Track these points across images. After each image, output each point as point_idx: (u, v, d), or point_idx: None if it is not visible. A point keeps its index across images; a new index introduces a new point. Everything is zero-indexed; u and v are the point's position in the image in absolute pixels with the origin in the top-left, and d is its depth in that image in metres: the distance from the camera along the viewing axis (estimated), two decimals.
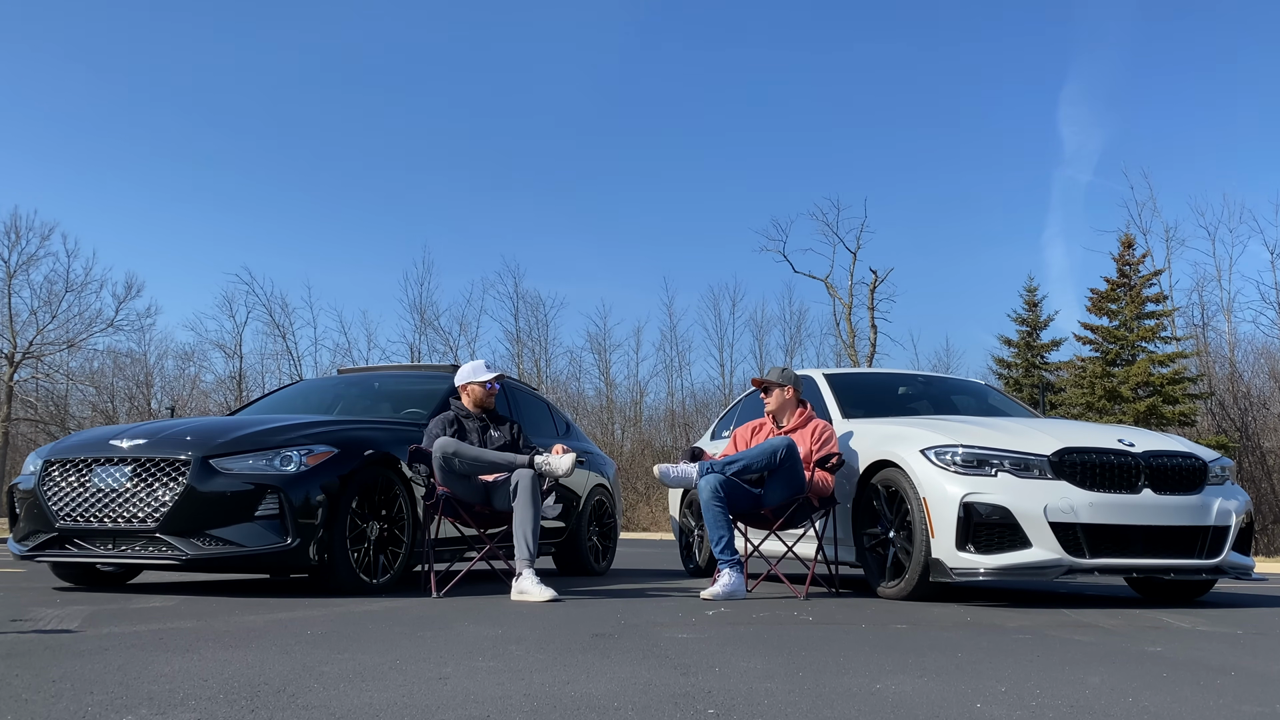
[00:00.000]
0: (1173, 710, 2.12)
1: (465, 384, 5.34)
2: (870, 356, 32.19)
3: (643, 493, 32.78)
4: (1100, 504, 4.58)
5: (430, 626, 3.44)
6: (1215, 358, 29.39)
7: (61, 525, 4.63)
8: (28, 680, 2.26)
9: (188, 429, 4.83)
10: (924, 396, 6.53)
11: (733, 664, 2.66)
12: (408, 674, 2.40)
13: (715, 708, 2.04)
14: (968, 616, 4.16)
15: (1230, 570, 4.84)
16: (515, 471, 4.82)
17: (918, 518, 4.73)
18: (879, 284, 32.70)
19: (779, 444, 4.99)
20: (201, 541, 4.47)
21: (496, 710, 1.98)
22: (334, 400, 6.49)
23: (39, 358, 32.89)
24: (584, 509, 7.20)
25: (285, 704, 2.01)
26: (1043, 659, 2.88)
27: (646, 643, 3.08)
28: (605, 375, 38.20)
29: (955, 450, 4.73)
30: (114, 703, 2.01)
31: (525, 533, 4.68)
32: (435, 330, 37.38)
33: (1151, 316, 25.20)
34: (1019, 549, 4.52)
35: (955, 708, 2.09)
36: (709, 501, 4.91)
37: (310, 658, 2.64)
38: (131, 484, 4.56)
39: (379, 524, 4.97)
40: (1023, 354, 28.75)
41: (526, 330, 38.07)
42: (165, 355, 38.49)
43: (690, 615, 4.02)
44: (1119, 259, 25.77)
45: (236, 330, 38.71)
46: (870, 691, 2.27)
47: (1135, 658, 2.96)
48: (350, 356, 36.91)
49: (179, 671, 2.39)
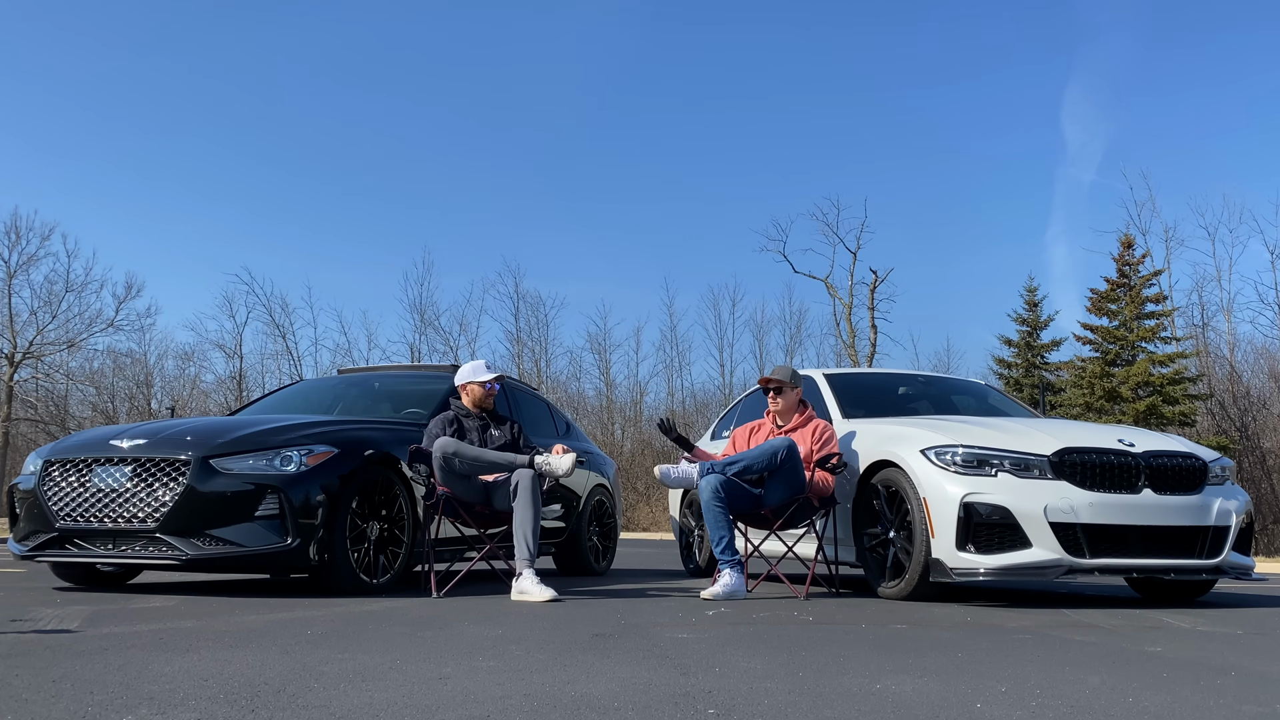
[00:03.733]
0: (1173, 710, 2.12)
1: (465, 384, 5.35)
2: (870, 356, 32.19)
3: (643, 493, 32.78)
4: (1100, 504, 4.58)
5: (430, 626, 3.44)
6: (1215, 358, 29.40)
7: (62, 525, 4.63)
8: (28, 680, 2.26)
9: (188, 429, 4.83)
10: (924, 396, 6.53)
11: (733, 664, 2.66)
12: (408, 674, 2.40)
13: (715, 708, 2.04)
14: (968, 616, 4.16)
15: (1230, 570, 4.85)
16: (515, 471, 4.82)
17: (918, 518, 4.73)
18: (879, 284, 32.74)
19: (779, 444, 5.00)
20: (201, 541, 4.47)
21: (496, 710, 1.98)
22: (334, 400, 6.49)
23: (39, 358, 32.89)
24: (584, 509, 7.19)
25: (285, 704, 2.01)
26: (1043, 659, 2.88)
27: (646, 643, 3.09)
28: (605, 375, 38.24)
29: (955, 450, 4.74)
30: (114, 703, 2.01)
31: (525, 533, 4.68)
32: (435, 330, 37.44)
33: (1151, 317, 25.21)
34: (1019, 549, 4.52)
35: (955, 708, 2.09)
36: (709, 502, 4.91)
37: (310, 658, 2.64)
38: (132, 484, 4.56)
39: (379, 524, 4.97)
40: (1023, 354, 28.76)
41: (526, 330, 38.11)
42: (165, 355, 38.53)
43: (690, 615, 4.02)
44: (1119, 259, 25.78)
45: (236, 330, 38.73)
46: (870, 691, 2.27)
47: (1135, 658, 2.96)
48: (350, 356, 36.95)
49: (179, 671, 2.39)
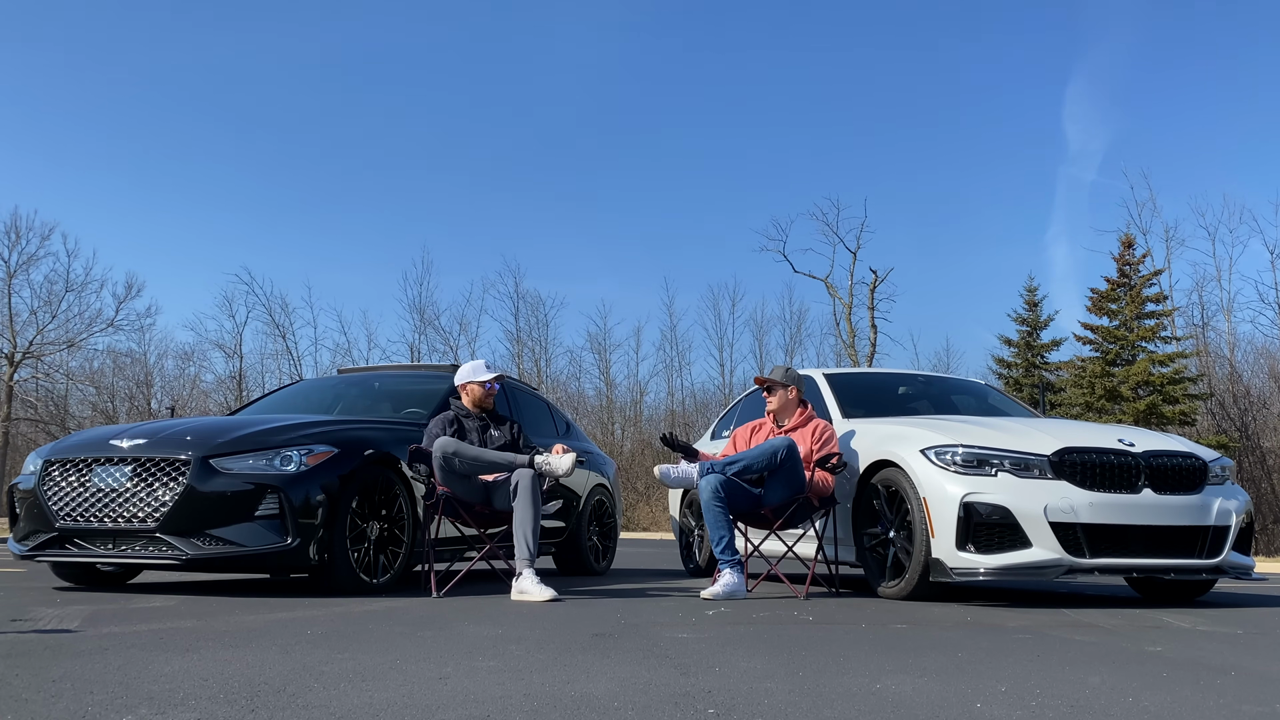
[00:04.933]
0: (1173, 710, 2.12)
1: (465, 384, 5.35)
2: (870, 356, 32.19)
3: (643, 493, 32.78)
4: (1100, 504, 4.58)
5: (430, 626, 3.44)
6: (1215, 358, 29.41)
7: (61, 525, 4.63)
8: (28, 680, 2.26)
9: (188, 429, 4.83)
10: (924, 396, 6.53)
11: (733, 664, 2.66)
12: (408, 674, 2.40)
13: (715, 708, 2.04)
14: (968, 616, 4.16)
15: (1230, 570, 4.84)
16: (515, 471, 4.82)
17: (918, 517, 4.73)
18: (879, 284, 32.72)
19: (779, 444, 5.00)
20: (201, 541, 4.47)
21: (496, 710, 1.98)
22: (334, 400, 6.49)
23: (39, 358, 32.89)
24: (584, 509, 7.19)
25: (285, 704, 2.01)
26: (1043, 659, 2.88)
27: (646, 643, 3.08)
28: (605, 375, 38.22)
29: (955, 450, 4.73)
30: (114, 703, 2.01)
31: (525, 533, 4.68)
32: (435, 330, 37.42)
33: (1151, 316, 25.21)
34: (1019, 549, 4.52)
35: (955, 708, 2.09)
36: (709, 501, 4.91)
37: (310, 658, 2.64)
38: (131, 484, 4.56)
39: (379, 524, 4.97)
40: (1023, 354, 28.75)
41: (526, 330, 38.09)
42: (165, 355, 38.50)
43: (690, 615, 4.02)
44: (1119, 259, 25.79)
45: (236, 330, 38.69)
46: (870, 691, 2.27)
47: (1135, 658, 2.96)
48: (350, 356, 36.94)
49: (179, 671, 2.39)
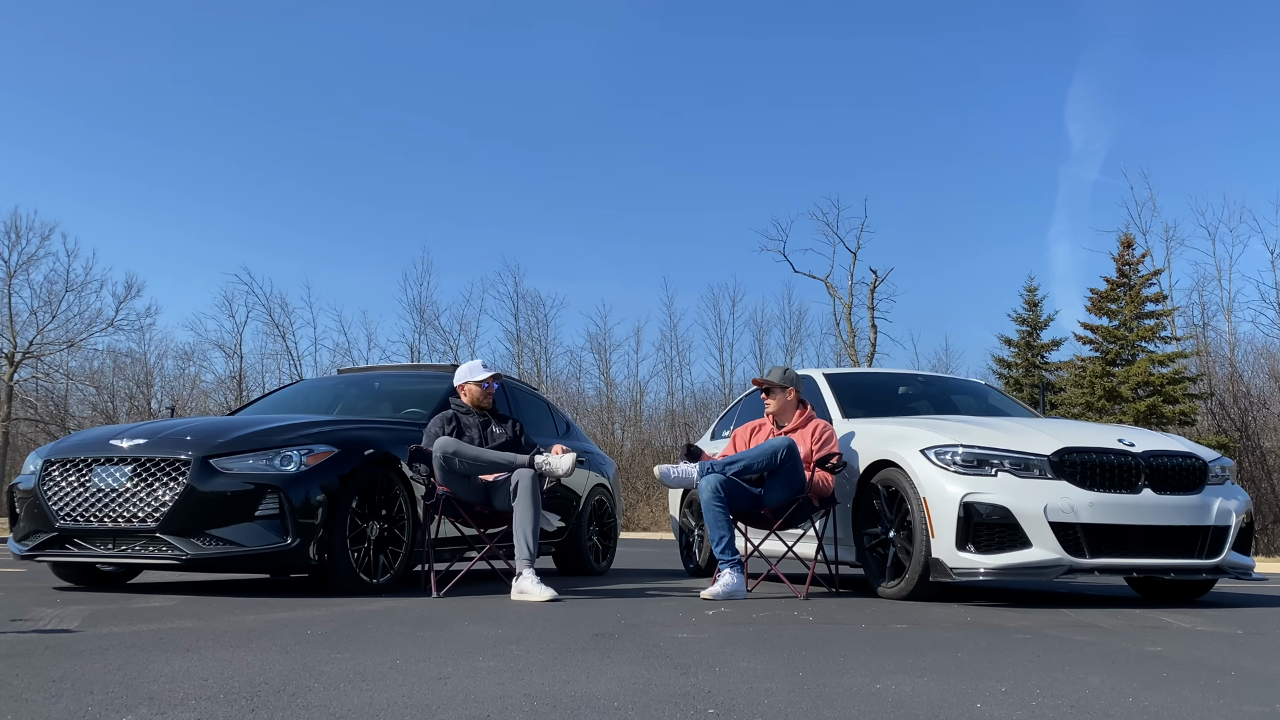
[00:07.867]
0: (1173, 710, 2.12)
1: (462, 384, 5.36)
2: (870, 356, 32.18)
3: (643, 493, 32.78)
4: (1100, 504, 4.58)
5: (430, 626, 3.44)
6: (1215, 358, 29.40)
7: (61, 525, 4.63)
8: (28, 680, 2.26)
9: (188, 429, 4.83)
10: (924, 396, 6.53)
11: (733, 664, 2.66)
12: (408, 674, 2.40)
13: (715, 708, 2.04)
14: (968, 616, 4.16)
15: (1230, 570, 4.84)
16: (515, 471, 4.82)
17: (918, 517, 4.73)
18: (879, 284, 32.71)
19: (779, 444, 5.00)
20: (201, 541, 4.47)
21: (496, 710, 1.98)
22: (334, 400, 6.49)
23: (39, 357, 32.88)
24: (584, 509, 7.19)
25: (285, 704, 2.01)
26: (1043, 659, 2.88)
27: (646, 643, 3.08)
28: (605, 375, 38.21)
29: (955, 450, 4.73)
30: (114, 703, 2.01)
31: (525, 532, 4.68)
32: (435, 330, 37.40)
33: (1151, 316, 25.20)
34: (1019, 549, 4.52)
35: (955, 708, 2.09)
36: (709, 501, 4.91)
37: (310, 658, 2.64)
38: (131, 484, 4.56)
39: (379, 524, 4.97)
40: (1023, 354, 28.73)
41: (526, 330, 38.08)
42: (165, 355, 38.43)
43: (690, 615, 4.02)
44: (1119, 259, 25.78)
45: (236, 330, 38.62)
46: (870, 691, 2.27)
47: (1135, 658, 2.96)
48: (350, 356, 36.91)
49: (179, 671, 2.39)
